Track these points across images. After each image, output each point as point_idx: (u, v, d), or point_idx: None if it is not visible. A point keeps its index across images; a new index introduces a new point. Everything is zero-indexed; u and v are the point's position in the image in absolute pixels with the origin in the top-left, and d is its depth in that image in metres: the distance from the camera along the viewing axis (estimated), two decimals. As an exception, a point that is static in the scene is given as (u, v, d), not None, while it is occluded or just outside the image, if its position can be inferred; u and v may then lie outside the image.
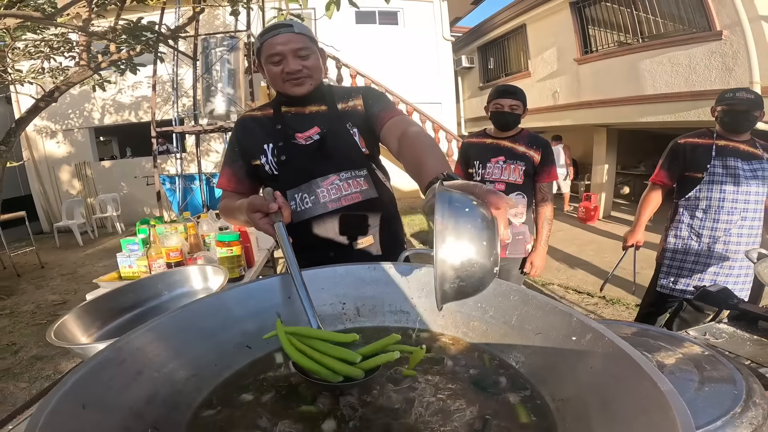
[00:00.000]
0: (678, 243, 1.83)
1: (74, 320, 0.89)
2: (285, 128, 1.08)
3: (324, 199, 1.05)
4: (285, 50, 1.02)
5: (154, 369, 0.52)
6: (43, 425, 0.36)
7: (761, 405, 0.59)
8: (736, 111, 1.69)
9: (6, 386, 2.61)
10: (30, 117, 4.11)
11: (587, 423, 0.44)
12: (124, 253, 1.64)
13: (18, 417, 0.95)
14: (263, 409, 0.52)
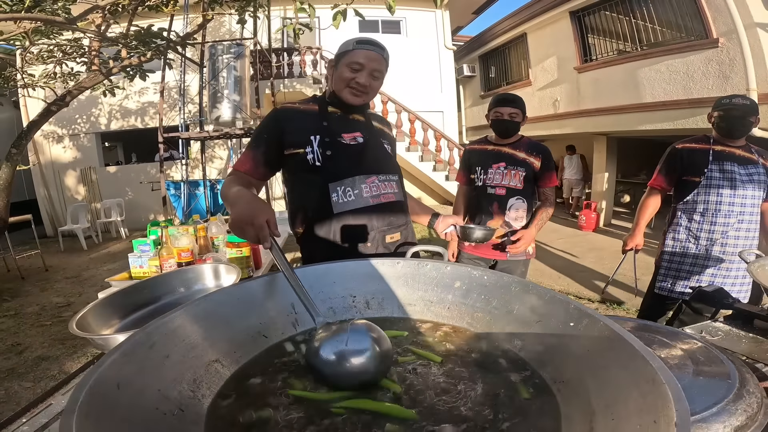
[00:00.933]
0: (676, 245, 1.87)
1: (94, 313, 0.93)
2: (330, 126, 1.17)
3: (366, 194, 1.15)
4: (367, 65, 1.15)
5: (180, 354, 0.56)
6: (83, 402, 0.38)
7: (755, 393, 0.62)
8: (732, 116, 1.74)
9: (11, 385, 2.63)
10: (41, 121, 4.19)
11: (587, 401, 0.47)
12: (136, 254, 1.69)
13: (23, 417, 0.99)
14: (279, 394, 0.55)
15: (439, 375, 0.59)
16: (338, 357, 0.56)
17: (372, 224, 1.16)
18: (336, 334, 0.59)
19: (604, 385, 0.47)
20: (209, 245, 1.86)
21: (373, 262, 0.82)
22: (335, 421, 0.50)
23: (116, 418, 0.41)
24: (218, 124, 5.68)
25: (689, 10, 4.99)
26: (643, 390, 0.41)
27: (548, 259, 5.01)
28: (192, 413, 0.50)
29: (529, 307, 0.65)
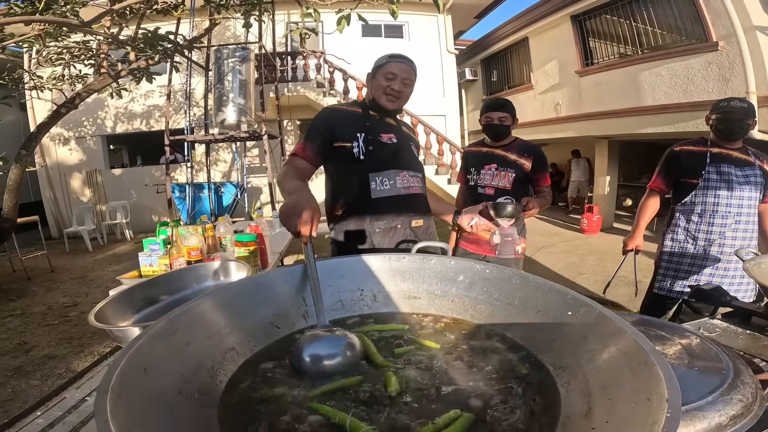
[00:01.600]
0: (675, 246, 1.90)
1: (111, 307, 0.97)
2: (372, 126, 1.40)
3: (399, 185, 1.38)
4: (399, 74, 1.37)
5: (200, 341, 0.59)
6: (114, 383, 0.41)
7: (749, 384, 0.64)
8: (730, 119, 1.76)
9: (18, 384, 2.66)
10: (51, 123, 4.24)
11: (585, 383, 0.51)
12: (146, 253, 1.73)
13: (37, 410, 1.02)
14: (291, 382, 0.58)
15: (441, 361, 0.62)
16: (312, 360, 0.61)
17: (401, 210, 1.37)
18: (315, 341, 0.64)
19: (600, 368, 0.50)
20: (217, 245, 1.90)
21: (380, 257, 0.85)
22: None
23: (144, 399, 0.44)
24: (223, 127, 5.74)
25: (689, 13, 5.03)
26: (636, 372, 0.44)
27: (549, 262, 5.03)
28: (210, 397, 0.53)
29: (529, 299, 0.69)
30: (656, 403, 0.38)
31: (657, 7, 5.50)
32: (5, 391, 2.55)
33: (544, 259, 5.17)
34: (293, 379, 0.59)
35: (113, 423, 0.34)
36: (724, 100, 1.81)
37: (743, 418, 0.58)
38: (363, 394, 0.54)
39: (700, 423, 0.56)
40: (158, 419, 0.42)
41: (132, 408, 0.41)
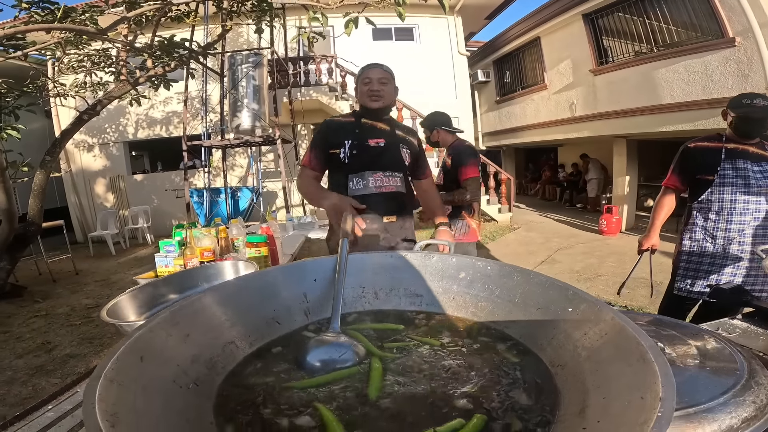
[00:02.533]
0: (693, 245, 1.84)
1: (124, 304, 1.00)
2: (361, 132, 1.59)
3: (371, 184, 1.55)
4: (374, 77, 1.58)
5: (200, 333, 0.60)
6: (108, 369, 0.43)
7: (765, 385, 0.61)
8: (752, 119, 1.70)
9: (38, 382, 2.73)
10: (74, 129, 4.41)
11: (582, 381, 0.50)
12: (162, 254, 1.78)
13: (48, 404, 1.06)
14: (288, 378, 0.59)
15: (442, 357, 0.62)
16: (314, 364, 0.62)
17: (373, 207, 1.52)
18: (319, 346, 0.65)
19: (598, 365, 0.49)
20: (230, 246, 1.94)
21: (382, 255, 0.86)
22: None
23: (137, 386, 0.45)
24: (238, 132, 5.86)
25: (703, 9, 4.94)
26: (634, 368, 0.43)
27: (567, 264, 4.94)
28: (206, 388, 0.54)
29: (530, 295, 0.68)
30: (650, 402, 0.37)
31: (670, 4, 5.39)
32: (26, 389, 2.63)
33: (561, 261, 5.08)
34: (290, 375, 0.60)
35: (99, 406, 0.36)
36: (747, 96, 1.74)
37: (757, 421, 0.55)
38: (349, 392, 0.55)
39: (709, 425, 0.54)
40: (149, 406, 0.43)
41: (124, 393, 0.42)
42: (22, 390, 2.61)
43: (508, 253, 5.58)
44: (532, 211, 9.28)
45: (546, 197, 11.25)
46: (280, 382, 0.57)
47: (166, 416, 0.43)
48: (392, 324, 0.74)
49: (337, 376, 0.58)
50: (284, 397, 0.54)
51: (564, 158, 10.93)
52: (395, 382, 0.55)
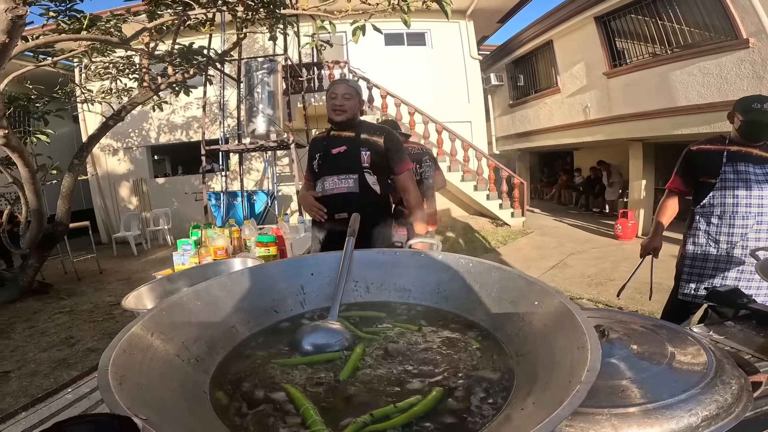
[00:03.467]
0: (696, 250, 1.84)
1: (143, 294, 1.11)
2: (328, 144, 1.86)
3: (327, 187, 1.84)
4: (339, 93, 1.82)
5: (205, 316, 0.69)
6: (123, 341, 0.52)
7: (731, 385, 0.62)
8: (760, 123, 1.69)
9: (60, 374, 2.88)
10: (100, 134, 4.65)
11: (535, 370, 0.54)
12: (179, 252, 1.90)
13: (68, 387, 1.17)
14: (281, 359, 0.66)
15: (417, 343, 0.69)
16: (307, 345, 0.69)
17: (328, 205, 1.83)
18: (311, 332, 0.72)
19: (550, 354, 0.54)
20: (242, 246, 2.04)
21: (374, 251, 0.93)
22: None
23: (144, 356, 0.53)
24: (254, 137, 6.03)
25: (716, 10, 4.88)
26: (573, 357, 0.47)
27: (579, 268, 4.90)
28: (205, 364, 0.62)
29: (505, 290, 0.74)
30: (574, 385, 0.40)
31: (683, 6, 5.34)
32: (48, 381, 2.78)
33: (574, 265, 5.04)
34: (281, 357, 0.67)
35: (111, 369, 0.44)
36: (756, 99, 1.72)
37: (719, 420, 0.55)
38: (325, 372, 0.61)
39: (667, 422, 0.54)
40: (152, 373, 0.51)
41: (132, 362, 0.50)
42: (44, 382, 2.77)
43: (520, 258, 5.57)
44: (546, 216, 9.18)
45: (562, 201, 11.12)
46: (270, 362, 0.65)
47: (165, 383, 0.51)
48: (375, 312, 0.81)
49: (320, 358, 0.65)
50: (269, 374, 0.61)
51: (580, 162, 10.79)
52: (369, 365, 0.62)
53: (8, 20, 1.93)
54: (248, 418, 0.50)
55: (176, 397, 0.50)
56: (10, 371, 2.94)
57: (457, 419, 0.49)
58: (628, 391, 0.60)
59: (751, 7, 4.46)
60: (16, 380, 2.80)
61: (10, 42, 2.03)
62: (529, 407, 0.45)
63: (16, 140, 3.07)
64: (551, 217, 9.02)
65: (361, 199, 1.83)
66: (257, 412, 0.52)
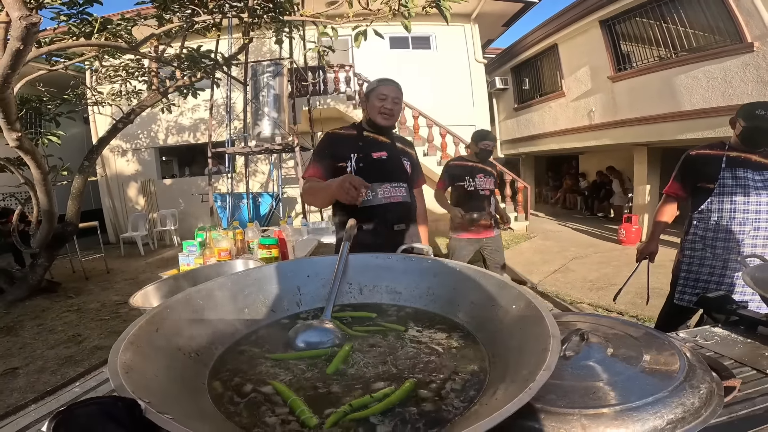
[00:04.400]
0: (693, 255, 1.86)
1: (149, 293, 1.16)
2: (365, 146, 1.66)
3: (381, 195, 1.64)
4: (389, 95, 1.64)
5: (207, 313, 0.75)
6: (131, 334, 0.57)
7: (699, 389, 0.64)
8: (761, 129, 1.69)
9: (67, 371, 2.94)
10: (110, 136, 4.75)
11: (505, 370, 0.58)
12: (185, 253, 1.96)
13: (76, 381, 1.22)
14: (274, 354, 0.71)
15: (401, 340, 0.73)
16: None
17: (383, 215, 1.62)
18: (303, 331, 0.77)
19: (519, 354, 0.58)
20: (245, 248, 2.10)
21: (368, 256, 0.97)
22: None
23: (150, 348, 0.58)
24: (260, 139, 6.10)
25: (721, 14, 4.88)
26: (537, 357, 0.50)
27: (581, 273, 4.90)
28: (205, 357, 0.67)
29: (488, 295, 0.77)
30: (528, 383, 0.43)
31: (687, 9, 5.34)
32: (55, 378, 2.84)
33: (577, 269, 5.04)
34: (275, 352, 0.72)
35: (120, 358, 0.49)
36: (760, 106, 1.72)
37: (685, 423, 0.57)
38: (312, 367, 0.66)
39: (633, 424, 0.55)
40: (156, 364, 0.56)
41: (138, 353, 0.55)
42: (51, 378, 2.83)
43: (522, 262, 5.57)
44: (550, 220, 9.17)
45: (566, 206, 11.09)
46: (264, 356, 0.69)
47: (167, 373, 0.56)
48: (366, 312, 0.85)
49: (310, 353, 0.69)
50: (263, 369, 0.66)
51: (585, 166, 10.76)
52: (355, 361, 0.67)
53: (23, 27, 1.97)
54: (241, 406, 0.55)
55: (177, 386, 0.55)
56: (18, 368, 3.02)
57: (433, 409, 0.53)
58: (600, 393, 0.63)
59: (756, 11, 4.47)
60: (24, 376, 2.87)
61: (24, 48, 2.09)
62: (493, 402, 0.50)
63: (28, 143, 3.16)
64: (555, 221, 9.01)
65: (413, 211, 1.76)
66: (250, 401, 0.56)
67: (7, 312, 4.43)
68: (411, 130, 7.77)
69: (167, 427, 0.36)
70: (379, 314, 0.86)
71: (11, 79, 2.31)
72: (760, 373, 0.88)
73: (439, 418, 0.51)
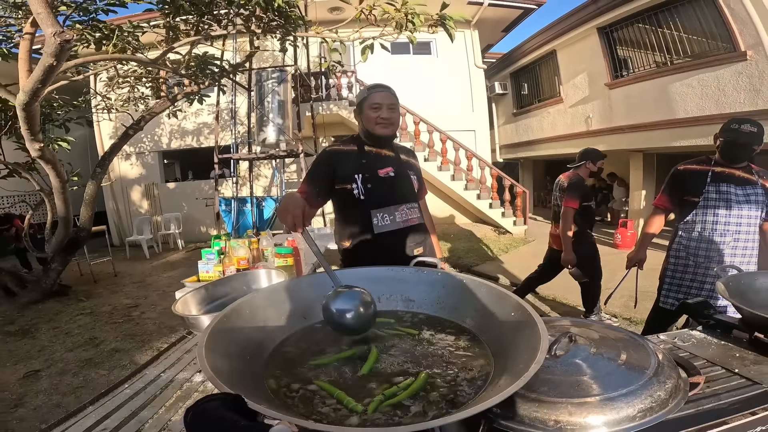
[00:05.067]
0: (678, 263, 2.00)
1: (188, 300, 1.29)
2: (369, 163, 1.50)
3: (398, 219, 1.52)
4: (383, 102, 1.49)
5: (253, 322, 0.88)
6: (206, 344, 0.70)
7: (666, 383, 0.75)
8: (736, 143, 1.83)
9: (88, 373, 3.04)
10: (121, 143, 4.88)
11: (505, 365, 0.72)
12: (204, 261, 2.09)
13: (125, 383, 1.37)
14: (316, 359, 0.84)
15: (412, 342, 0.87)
16: (342, 310, 0.89)
17: (403, 241, 1.53)
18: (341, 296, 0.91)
19: (517, 351, 0.72)
20: (260, 256, 2.23)
21: (384, 268, 1.11)
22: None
23: (219, 354, 0.72)
24: (264, 145, 6.23)
25: (716, 23, 5.00)
26: (529, 354, 0.64)
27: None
28: (257, 360, 0.81)
29: (491, 303, 0.91)
30: (522, 373, 0.55)
31: (684, 18, 5.47)
32: (77, 379, 2.93)
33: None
34: (313, 352, 0.85)
35: (206, 341, 0.64)
36: (736, 121, 1.85)
37: (653, 413, 0.67)
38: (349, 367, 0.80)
39: (610, 412, 0.67)
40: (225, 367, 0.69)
41: (214, 358, 0.68)
42: (74, 380, 2.92)
43: (520, 266, 5.70)
44: (548, 224, 9.28)
45: (564, 209, 11.22)
46: (306, 358, 0.83)
47: (233, 376, 0.68)
48: (384, 318, 0.99)
49: (343, 355, 0.83)
50: (305, 369, 0.79)
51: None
52: (382, 360, 0.80)
53: (57, 44, 2.06)
54: (296, 399, 0.69)
55: (245, 385, 0.68)
56: (40, 370, 3.13)
57: (450, 393, 0.68)
58: (584, 385, 0.76)
59: (750, 20, 4.58)
60: (47, 378, 2.97)
61: (57, 64, 2.18)
62: (497, 387, 0.63)
63: (49, 152, 3.28)
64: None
65: (426, 230, 1.63)
66: (302, 395, 0.70)
67: (21, 315, 4.55)
68: (412, 136, 7.91)
69: (266, 413, 0.49)
70: (395, 320, 1.00)
71: (41, 93, 2.41)
72: (728, 372, 1.01)
73: (456, 401, 0.65)
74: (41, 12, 1.94)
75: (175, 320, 4.14)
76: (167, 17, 3.98)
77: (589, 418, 0.67)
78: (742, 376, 0.96)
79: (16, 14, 3.66)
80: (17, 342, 3.77)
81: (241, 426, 0.42)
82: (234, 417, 0.44)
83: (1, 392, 2.79)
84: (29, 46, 2.45)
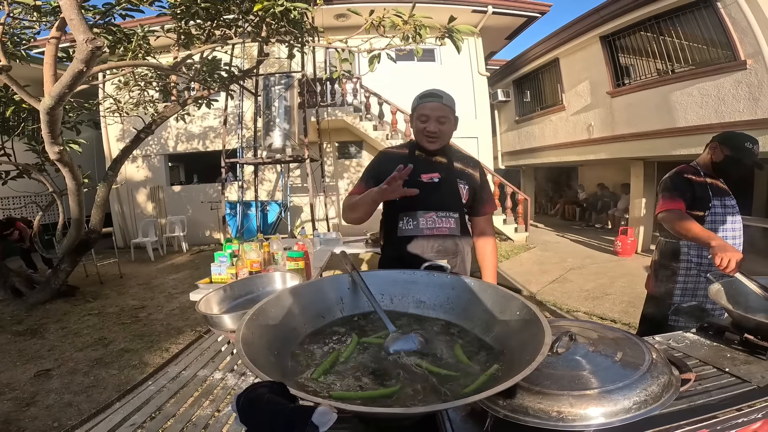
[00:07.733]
0: (688, 281, 1.93)
1: (210, 299, 1.36)
2: (415, 167, 1.41)
3: (422, 225, 1.47)
4: (431, 115, 1.44)
5: (277, 321, 0.95)
6: (242, 338, 0.76)
7: (659, 379, 0.81)
8: (743, 164, 1.72)
9: (99, 372, 3.11)
10: (132, 147, 4.97)
11: (512, 360, 0.79)
12: (216, 263, 2.17)
13: (149, 380, 1.44)
14: (332, 349, 0.92)
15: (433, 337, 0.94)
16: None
17: (423, 249, 1.48)
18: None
19: (523, 347, 0.78)
20: (271, 259, 2.31)
21: (396, 272, 1.18)
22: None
23: (257, 337, 0.80)
24: (270, 150, 6.33)
25: (718, 32, 5.06)
26: (535, 348, 0.71)
27: (578, 283, 5.09)
28: (281, 356, 0.86)
29: (497, 304, 0.98)
30: (527, 364, 0.63)
31: (685, 27, 5.54)
32: (88, 379, 3.00)
33: (573, 279, 5.23)
34: (335, 349, 0.93)
35: (244, 329, 0.72)
36: (748, 139, 1.70)
37: (647, 405, 0.73)
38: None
39: (608, 403, 0.73)
40: (260, 354, 0.77)
41: (250, 328, 0.77)
42: (85, 380, 2.99)
43: (522, 272, 5.77)
44: (549, 231, 9.37)
45: (566, 217, 11.31)
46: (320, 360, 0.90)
47: (265, 371, 0.76)
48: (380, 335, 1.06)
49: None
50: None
51: (584, 178, 10.99)
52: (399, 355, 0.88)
53: (88, 50, 2.09)
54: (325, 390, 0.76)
55: (276, 374, 0.75)
56: (51, 369, 3.19)
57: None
58: (583, 379, 0.83)
59: (750, 29, 4.65)
60: (58, 378, 3.04)
61: (87, 70, 2.23)
62: (507, 377, 0.71)
63: (67, 156, 3.37)
64: (554, 232, 9.21)
65: (463, 245, 1.53)
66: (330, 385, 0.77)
67: (29, 315, 4.62)
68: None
69: (308, 399, 0.56)
70: (408, 320, 1.07)
71: (66, 98, 2.47)
72: (719, 370, 1.08)
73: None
74: (74, 18, 1.97)
75: (182, 322, 4.21)
76: (180, 22, 4.09)
77: (589, 409, 0.74)
78: (732, 375, 1.03)
79: (31, 16, 3.73)
80: (27, 341, 3.83)
81: (290, 408, 0.48)
82: (282, 401, 0.50)
83: (13, 391, 2.86)
84: (55, 51, 2.51)
